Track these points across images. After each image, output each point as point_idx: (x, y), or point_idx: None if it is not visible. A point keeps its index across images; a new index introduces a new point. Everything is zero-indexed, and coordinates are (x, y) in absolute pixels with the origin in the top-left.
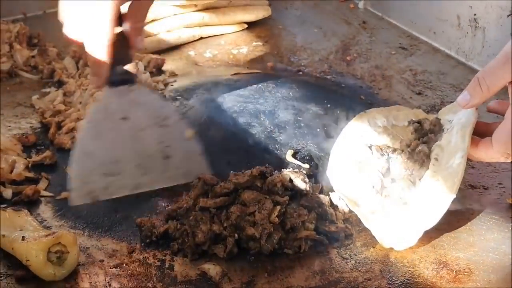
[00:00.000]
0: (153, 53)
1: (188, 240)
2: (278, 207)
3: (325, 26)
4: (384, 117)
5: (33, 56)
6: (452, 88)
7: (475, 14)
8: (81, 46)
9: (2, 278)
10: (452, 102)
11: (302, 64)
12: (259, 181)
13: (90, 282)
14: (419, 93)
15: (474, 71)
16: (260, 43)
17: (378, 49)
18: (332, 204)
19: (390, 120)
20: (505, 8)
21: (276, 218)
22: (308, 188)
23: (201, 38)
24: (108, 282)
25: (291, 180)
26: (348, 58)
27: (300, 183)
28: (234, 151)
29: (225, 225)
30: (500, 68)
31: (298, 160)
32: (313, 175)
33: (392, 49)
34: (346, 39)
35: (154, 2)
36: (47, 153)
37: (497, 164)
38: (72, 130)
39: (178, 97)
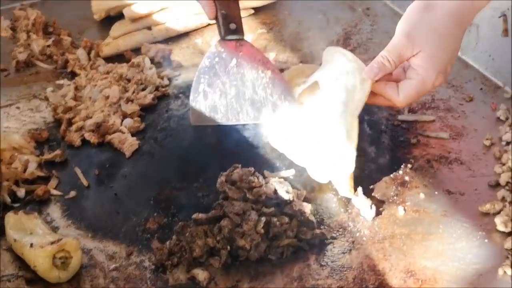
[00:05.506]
0: (161, 42)
1: (186, 254)
2: (263, 219)
3: (330, 12)
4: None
5: (48, 46)
6: (444, 83)
7: None
8: None
9: (13, 279)
10: (442, 98)
11: (304, 52)
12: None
13: (91, 285)
14: None
15: (468, 66)
16: (264, 31)
17: (378, 39)
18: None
19: None
20: (496, 9)
21: (262, 229)
22: (291, 198)
23: (209, 24)
24: (107, 285)
25: (275, 191)
26: (348, 48)
27: (284, 194)
28: (227, 154)
29: (218, 238)
30: (403, 47)
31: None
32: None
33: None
34: (348, 27)
35: None
36: (58, 151)
37: (476, 169)
38: (81, 128)
39: (180, 95)
